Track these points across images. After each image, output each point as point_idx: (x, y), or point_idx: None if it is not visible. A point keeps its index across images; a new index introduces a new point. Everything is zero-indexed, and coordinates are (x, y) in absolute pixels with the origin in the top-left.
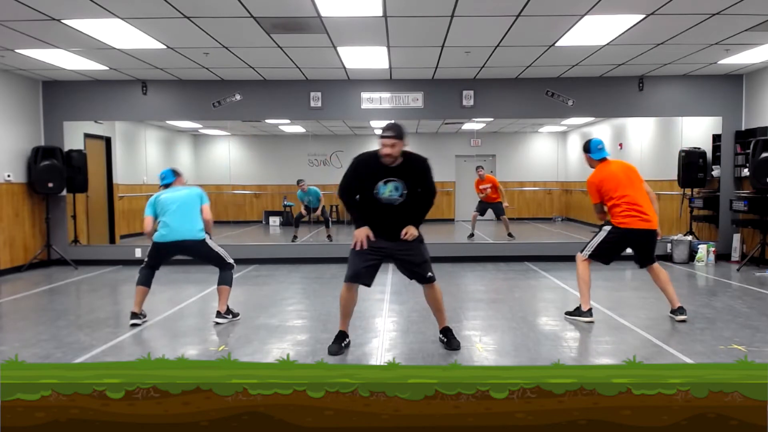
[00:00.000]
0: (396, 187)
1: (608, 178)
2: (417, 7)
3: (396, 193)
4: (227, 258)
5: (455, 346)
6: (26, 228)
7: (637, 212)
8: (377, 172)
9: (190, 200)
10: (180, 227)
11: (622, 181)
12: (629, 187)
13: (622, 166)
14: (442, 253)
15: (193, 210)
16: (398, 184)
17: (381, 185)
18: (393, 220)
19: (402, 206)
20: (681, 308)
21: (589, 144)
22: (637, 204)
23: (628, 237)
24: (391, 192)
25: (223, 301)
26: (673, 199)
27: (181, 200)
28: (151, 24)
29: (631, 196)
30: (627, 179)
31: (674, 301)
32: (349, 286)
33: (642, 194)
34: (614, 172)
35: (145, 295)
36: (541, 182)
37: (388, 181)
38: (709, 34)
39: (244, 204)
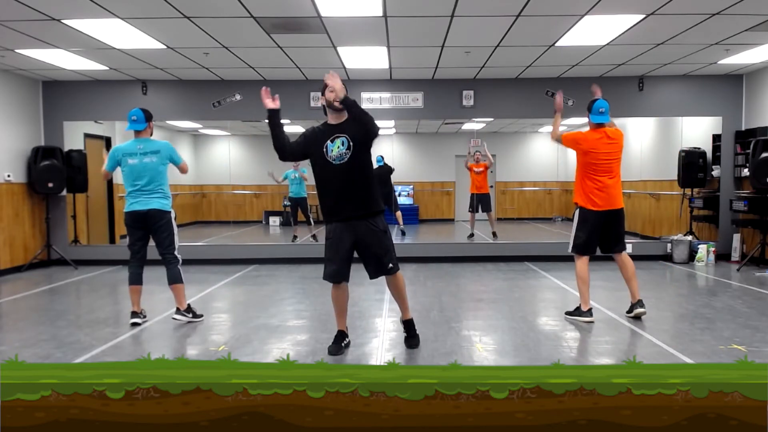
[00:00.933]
0: (342, 142)
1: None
2: (417, 7)
3: (343, 148)
4: (176, 247)
5: (413, 344)
6: (26, 228)
7: (604, 191)
8: (324, 132)
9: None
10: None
11: (602, 157)
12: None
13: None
14: (442, 253)
15: (161, 178)
16: (344, 138)
17: (329, 144)
18: (350, 185)
19: (353, 164)
20: (640, 301)
21: (592, 104)
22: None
23: (598, 216)
24: (339, 148)
25: (181, 298)
26: (673, 199)
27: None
28: (151, 24)
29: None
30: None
31: (635, 294)
32: (335, 286)
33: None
34: (600, 147)
35: (139, 293)
36: (541, 182)
37: (335, 138)
38: (709, 34)
39: (244, 204)
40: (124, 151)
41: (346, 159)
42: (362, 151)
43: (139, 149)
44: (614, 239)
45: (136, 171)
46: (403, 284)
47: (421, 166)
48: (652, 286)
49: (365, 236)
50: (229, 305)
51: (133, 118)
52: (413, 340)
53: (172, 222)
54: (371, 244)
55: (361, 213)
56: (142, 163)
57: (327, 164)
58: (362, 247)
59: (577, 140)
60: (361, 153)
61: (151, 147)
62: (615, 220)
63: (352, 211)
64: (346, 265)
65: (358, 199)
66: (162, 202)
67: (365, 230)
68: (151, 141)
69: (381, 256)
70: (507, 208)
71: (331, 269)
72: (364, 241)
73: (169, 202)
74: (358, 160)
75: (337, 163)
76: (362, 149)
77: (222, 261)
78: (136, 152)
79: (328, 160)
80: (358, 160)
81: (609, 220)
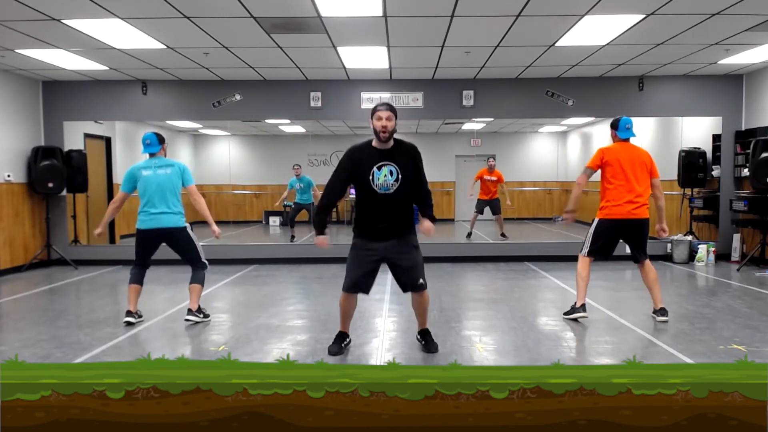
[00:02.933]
0: (390, 171)
1: (616, 157)
2: (417, 7)
3: (391, 178)
4: (202, 256)
5: (433, 349)
6: (26, 228)
7: (626, 201)
8: (371, 157)
9: (171, 179)
10: (159, 214)
11: (626, 168)
12: (630, 174)
13: (635, 154)
14: (442, 253)
15: (173, 192)
16: (392, 167)
17: (375, 171)
18: (390, 214)
19: (397, 195)
20: (663, 309)
21: (618, 122)
22: (629, 193)
23: (617, 226)
24: (386, 177)
25: (195, 299)
26: (673, 199)
27: (160, 180)
28: (151, 24)
29: (627, 185)
30: (631, 167)
31: (658, 301)
32: (347, 296)
33: (642, 185)
34: (624, 156)
35: (137, 293)
36: (541, 182)
37: (381, 166)
38: (709, 34)
39: (244, 204)
40: (139, 166)
41: (392, 190)
42: (408, 183)
43: (153, 164)
44: (636, 248)
45: (150, 182)
46: (428, 302)
47: None
48: None
49: (397, 252)
50: (229, 305)
51: (147, 141)
52: (432, 345)
53: (190, 236)
54: (402, 259)
55: (395, 235)
56: (156, 175)
57: (370, 191)
58: (393, 262)
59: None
60: (407, 184)
61: (165, 162)
62: (636, 232)
63: (385, 233)
64: (369, 278)
65: (395, 224)
66: (174, 218)
67: (397, 246)
68: (166, 159)
69: (411, 270)
70: (507, 208)
71: (352, 280)
72: (395, 256)
73: (183, 218)
74: (403, 192)
75: (382, 192)
76: (409, 180)
77: (222, 261)
78: (150, 166)
79: (373, 188)
80: (403, 192)
81: (630, 231)
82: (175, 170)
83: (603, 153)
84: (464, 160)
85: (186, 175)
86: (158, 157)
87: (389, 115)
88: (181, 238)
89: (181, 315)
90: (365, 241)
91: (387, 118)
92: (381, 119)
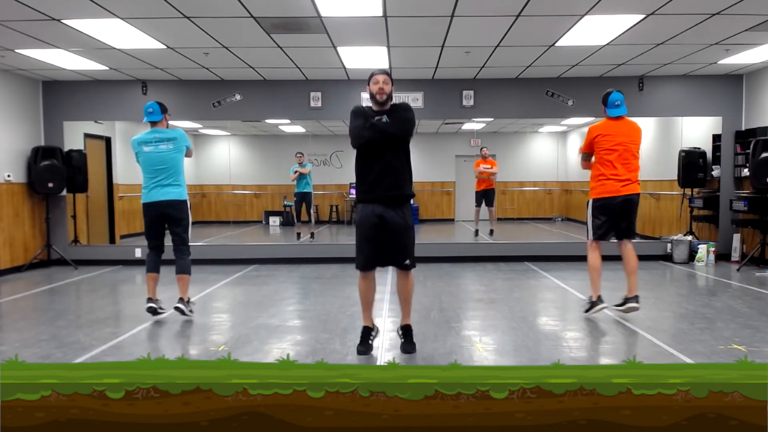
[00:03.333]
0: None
1: (606, 138)
2: (417, 7)
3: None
4: (189, 237)
5: (411, 350)
6: (26, 228)
7: (617, 179)
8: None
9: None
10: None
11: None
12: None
13: (625, 131)
14: (442, 253)
15: (176, 166)
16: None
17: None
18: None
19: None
20: (637, 297)
21: (608, 97)
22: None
23: (610, 204)
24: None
25: (185, 289)
26: (673, 199)
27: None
28: (151, 24)
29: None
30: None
31: (633, 289)
32: (364, 275)
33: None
34: (615, 135)
35: (155, 280)
36: (541, 182)
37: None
38: (709, 34)
39: (244, 204)
40: (140, 140)
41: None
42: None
43: (154, 137)
44: (626, 226)
45: (152, 159)
46: (412, 285)
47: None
48: (652, 286)
49: (392, 226)
50: (229, 305)
51: (150, 110)
52: (410, 346)
53: (188, 211)
54: (394, 235)
55: (392, 193)
56: (158, 150)
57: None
58: (386, 235)
59: (590, 133)
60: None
61: (166, 135)
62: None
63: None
64: (377, 251)
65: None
66: (178, 191)
67: (393, 219)
68: (166, 130)
69: (401, 249)
70: (507, 208)
71: (363, 257)
72: (389, 229)
73: (185, 191)
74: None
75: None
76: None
77: (222, 261)
78: (151, 140)
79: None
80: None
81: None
82: (178, 144)
83: (593, 134)
84: (464, 160)
85: (186, 141)
86: (159, 129)
87: (385, 79)
88: (181, 210)
89: (181, 315)
90: (367, 207)
91: (383, 81)
92: (378, 83)
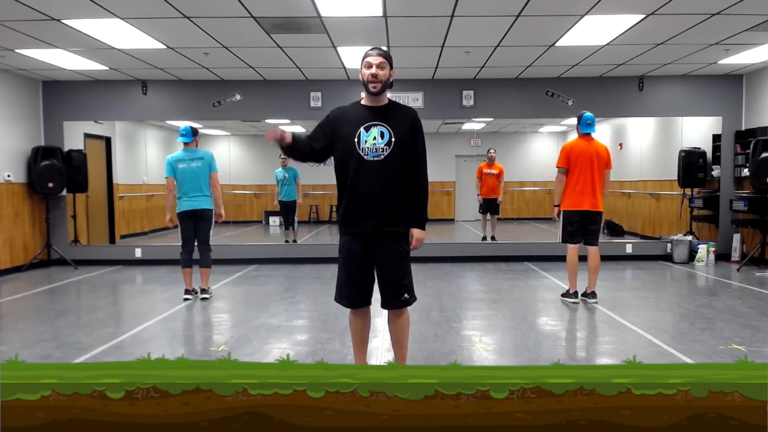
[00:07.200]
0: (381, 133)
1: (578, 152)
2: (417, 7)
3: (381, 142)
4: (210, 238)
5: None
6: (26, 228)
7: (586, 194)
8: (359, 117)
9: (202, 170)
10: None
11: (585, 162)
12: (588, 168)
13: (593, 149)
14: (442, 253)
15: (204, 180)
16: (383, 129)
17: (362, 132)
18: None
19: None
20: (594, 293)
21: (580, 118)
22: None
23: (580, 216)
24: (375, 140)
25: (206, 280)
26: (673, 199)
27: (194, 172)
28: (151, 24)
29: (586, 178)
30: (589, 161)
31: (592, 285)
32: (353, 313)
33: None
34: (584, 150)
35: (190, 274)
36: (541, 182)
37: (370, 127)
38: (709, 34)
39: (244, 204)
40: (176, 158)
41: (382, 157)
42: (404, 152)
43: (187, 156)
44: (589, 235)
45: (186, 174)
46: (408, 323)
47: None
48: (652, 286)
49: (384, 255)
50: (229, 305)
51: (183, 133)
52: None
53: (212, 217)
54: (389, 266)
55: (385, 229)
56: (190, 168)
57: (356, 159)
58: (378, 268)
59: (567, 151)
60: (403, 153)
61: (197, 154)
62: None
63: (375, 225)
64: (366, 285)
65: (386, 211)
66: (206, 201)
67: (386, 249)
68: (197, 150)
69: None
70: (507, 208)
71: (346, 291)
72: (381, 260)
73: (210, 201)
74: (397, 161)
75: (370, 158)
76: (405, 149)
77: (222, 261)
78: (185, 158)
79: (359, 152)
80: (397, 161)
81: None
82: (205, 162)
83: (566, 150)
84: (464, 160)
85: (213, 164)
86: (191, 149)
87: (381, 62)
88: (207, 218)
89: (181, 315)
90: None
91: (378, 65)
92: (371, 66)
